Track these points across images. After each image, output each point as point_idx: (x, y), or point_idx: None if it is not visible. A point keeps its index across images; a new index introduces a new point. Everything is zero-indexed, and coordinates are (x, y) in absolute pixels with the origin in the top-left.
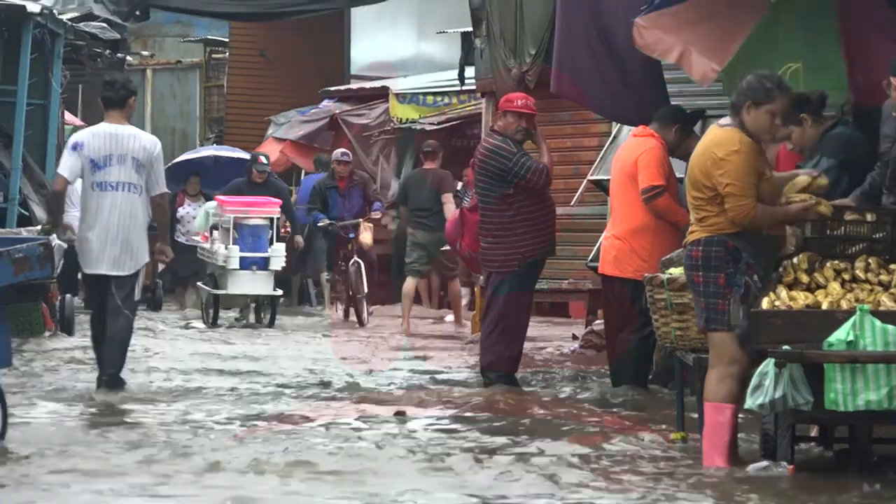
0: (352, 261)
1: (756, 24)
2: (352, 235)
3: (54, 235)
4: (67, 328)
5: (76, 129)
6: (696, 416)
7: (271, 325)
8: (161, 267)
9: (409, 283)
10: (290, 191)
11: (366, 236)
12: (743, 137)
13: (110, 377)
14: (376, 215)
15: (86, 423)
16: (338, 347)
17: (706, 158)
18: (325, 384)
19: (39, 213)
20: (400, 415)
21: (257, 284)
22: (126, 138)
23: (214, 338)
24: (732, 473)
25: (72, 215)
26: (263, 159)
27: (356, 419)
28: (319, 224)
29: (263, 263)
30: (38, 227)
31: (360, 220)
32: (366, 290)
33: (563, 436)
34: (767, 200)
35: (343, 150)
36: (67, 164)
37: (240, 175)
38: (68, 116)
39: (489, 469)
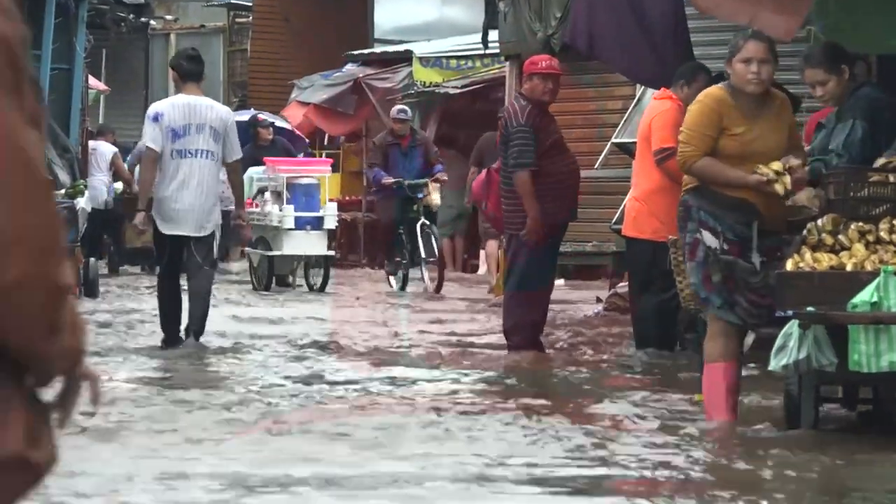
0: (420, 223)
1: None
2: (420, 195)
3: (78, 199)
4: (92, 292)
5: (99, 93)
6: None
7: (323, 289)
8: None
9: (491, 245)
10: (313, 153)
11: (435, 197)
12: (713, 91)
13: (198, 328)
14: (443, 176)
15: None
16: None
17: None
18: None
19: (63, 176)
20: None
21: (313, 244)
22: (204, 108)
23: (267, 300)
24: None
25: (98, 179)
26: (264, 117)
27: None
28: (384, 182)
29: (317, 223)
30: (62, 191)
31: (427, 180)
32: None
33: (584, 397)
34: (733, 155)
35: (401, 106)
36: (151, 136)
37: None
38: (92, 80)
39: (509, 432)
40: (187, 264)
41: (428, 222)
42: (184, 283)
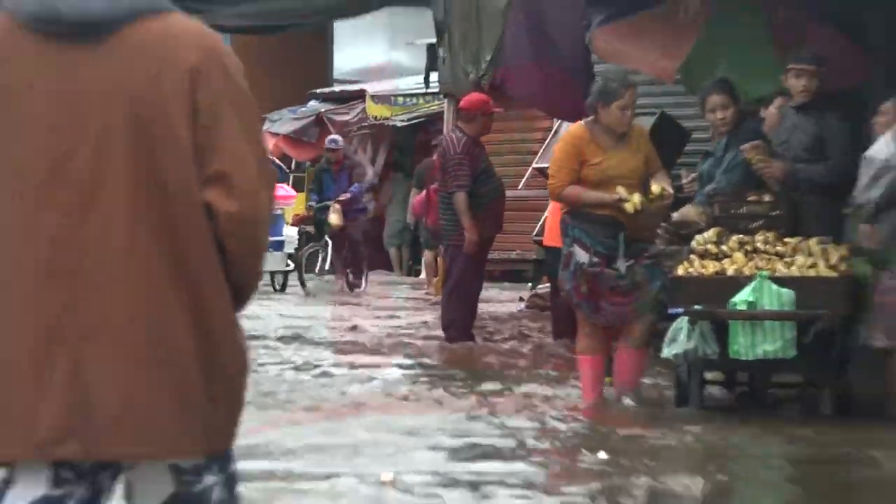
0: (323, 240)
1: (701, 27)
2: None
3: None
4: None
5: None
6: None
7: (283, 290)
8: None
9: (428, 254)
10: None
11: (333, 217)
12: (574, 129)
13: None
14: (344, 196)
15: None
16: (330, 309)
17: None
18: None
19: None
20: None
21: (276, 262)
22: None
23: None
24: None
25: None
26: None
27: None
28: (308, 205)
29: (279, 246)
30: None
31: (331, 202)
32: (328, 264)
33: (506, 380)
34: (594, 180)
35: (332, 137)
36: None
37: None
38: None
39: (442, 408)
40: None
41: (328, 240)
42: None
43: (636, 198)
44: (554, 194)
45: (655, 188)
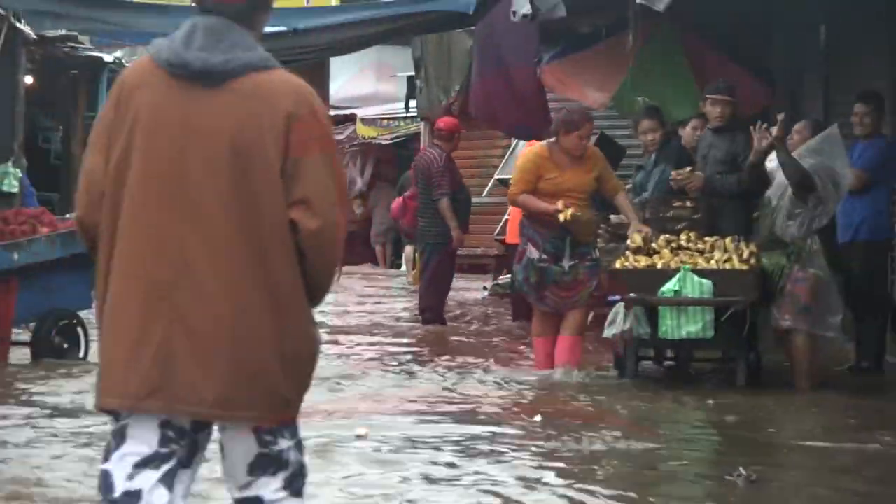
0: None
1: (629, 66)
2: None
3: None
4: None
5: None
6: None
7: None
8: None
9: (408, 250)
10: None
11: None
12: (536, 149)
13: None
14: None
15: None
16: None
17: None
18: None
19: None
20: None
21: None
22: None
23: None
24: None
25: None
26: None
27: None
28: None
29: None
30: None
31: None
32: None
33: (470, 356)
34: (549, 192)
35: None
36: None
37: None
38: None
39: (414, 379)
40: None
41: None
42: None
43: (569, 211)
44: (510, 199)
45: (637, 238)
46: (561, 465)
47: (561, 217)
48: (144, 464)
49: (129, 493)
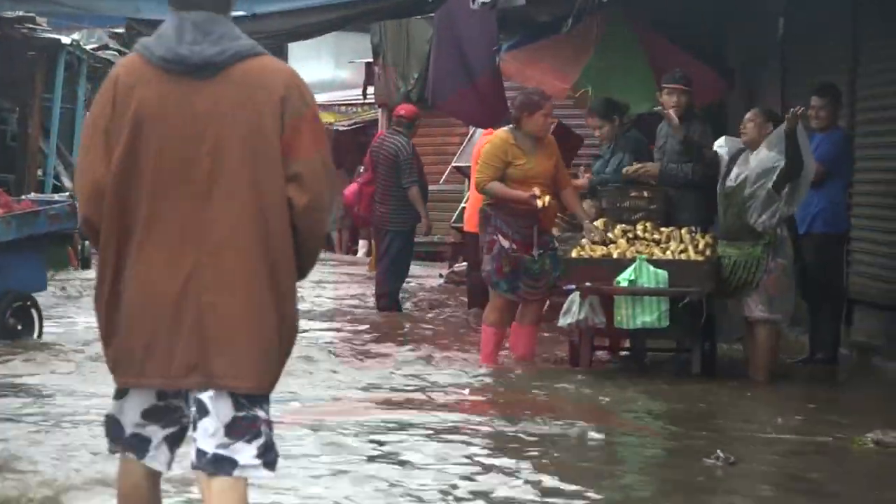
0: None
1: (590, 55)
2: None
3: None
4: (86, 264)
5: None
6: None
7: None
8: None
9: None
10: None
11: None
12: (501, 134)
13: None
14: None
15: None
16: None
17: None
18: None
19: (68, 183)
20: None
21: None
22: None
23: None
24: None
25: None
26: None
27: None
28: None
29: None
30: (68, 193)
31: None
32: None
33: (425, 341)
34: (518, 179)
35: None
36: None
37: None
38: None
39: (370, 364)
40: None
41: None
42: None
43: (546, 197)
44: (479, 187)
45: (593, 233)
46: (516, 450)
47: (539, 203)
48: (150, 415)
49: (140, 437)
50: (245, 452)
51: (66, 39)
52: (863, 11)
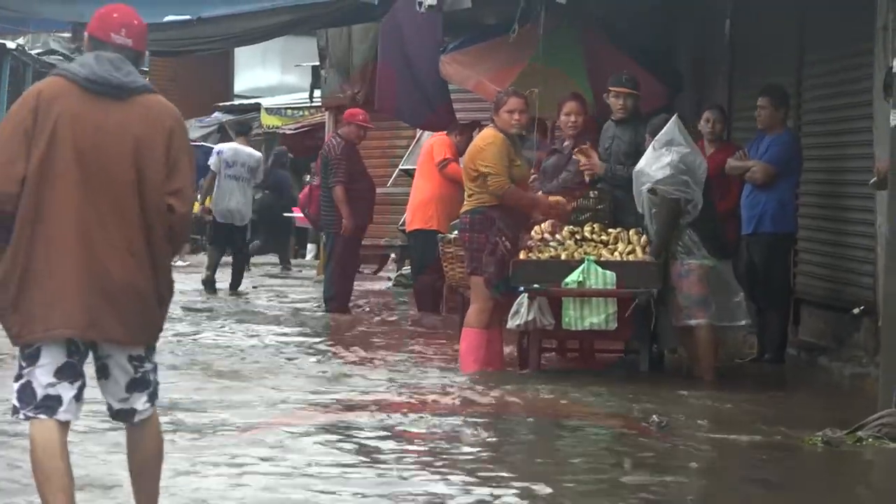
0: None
1: (529, 58)
2: None
3: None
4: None
5: None
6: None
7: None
8: None
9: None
10: None
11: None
12: (496, 133)
13: (236, 282)
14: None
15: None
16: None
17: (472, 149)
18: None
19: None
20: None
21: None
22: (244, 152)
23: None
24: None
25: None
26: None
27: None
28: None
29: None
30: None
31: None
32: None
33: (373, 345)
34: (517, 181)
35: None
36: (213, 162)
37: None
38: None
39: (320, 366)
40: (233, 241)
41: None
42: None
43: (559, 198)
44: (498, 192)
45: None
46: (469, 452)
47: (568, 207)
48: (60, 373)
49: (50, 398)
50: (140, 400)
51: (11, 44)
52: (809, 14)
